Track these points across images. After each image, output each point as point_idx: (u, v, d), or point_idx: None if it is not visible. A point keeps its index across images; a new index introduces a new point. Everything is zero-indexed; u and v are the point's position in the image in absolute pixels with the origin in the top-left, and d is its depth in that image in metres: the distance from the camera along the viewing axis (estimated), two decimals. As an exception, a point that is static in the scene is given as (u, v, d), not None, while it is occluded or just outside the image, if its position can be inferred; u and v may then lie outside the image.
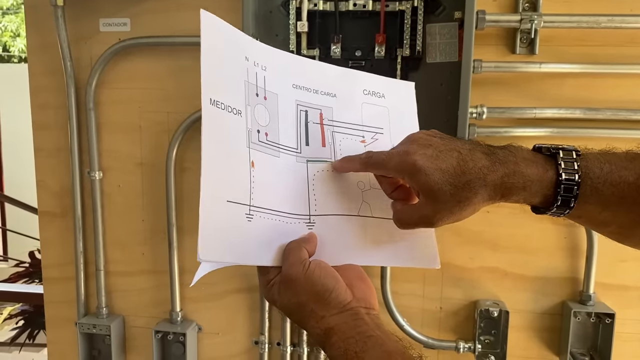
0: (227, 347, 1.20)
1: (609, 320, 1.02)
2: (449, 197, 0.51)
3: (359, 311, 0.52)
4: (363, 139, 0.64)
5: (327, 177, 0.61)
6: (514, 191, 0.51)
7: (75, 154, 1.14)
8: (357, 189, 0.62)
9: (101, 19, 1.10)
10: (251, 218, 0.55)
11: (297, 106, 0.61)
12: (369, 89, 0.66)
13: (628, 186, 0.50)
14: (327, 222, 0.60)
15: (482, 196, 0.51)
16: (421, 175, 0.51)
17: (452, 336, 1.12)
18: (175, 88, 1.11)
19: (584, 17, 0.95)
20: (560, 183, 0.50)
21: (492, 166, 0.51)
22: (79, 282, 1.18)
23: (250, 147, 0.56)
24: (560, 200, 0.51)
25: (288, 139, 0.60)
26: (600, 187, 0.51)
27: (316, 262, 0.54)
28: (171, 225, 1.13)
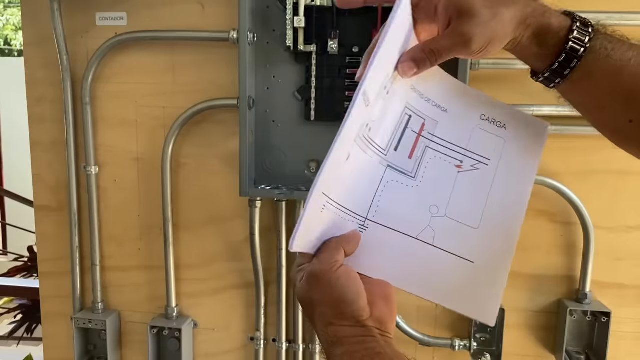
0: (222, 343, 1.19)
1: (605, 319, 1.02)
2: (485, 9, 0.51)
3: (372, 331, 0.50)
4: (460, 164, 0.59)
5: (400, 189, 0.57)
6: (538, 13, 0.52)
7: (71, 148, 1.13)
8: (427, 213, 0.57)
9: (98, 13, 1.10)
10: (323, 209, 0.54)
11: (405, 108, 0.58)
12: (488, 115, 0.61)
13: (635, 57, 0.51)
14: (380, 231, 0.56)
15: (514, 11, 0.51)
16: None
17: (447, 334, 1.11)
18: (171, 83, 1.10)
19: (593, 14, 0.94)
20: (574, 29, 0.51)
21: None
22: (74, 277, 1.18)
23: (356, 140, 0.55)
24: (570, 47, 0.51)
25: (382, 138, 0.57)
26: (610, 47, 0.52)
27: (346, 269, 0.52)
28: (167, 221, 1.12)
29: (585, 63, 0.52)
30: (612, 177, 1.03)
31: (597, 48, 0.51)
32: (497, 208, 0.58)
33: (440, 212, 0.57)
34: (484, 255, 0.57)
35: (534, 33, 0.53)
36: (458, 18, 0.52)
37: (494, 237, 0.57)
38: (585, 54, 0.51)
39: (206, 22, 1.06)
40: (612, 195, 1.03)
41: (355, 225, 0.56)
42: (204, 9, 1.06)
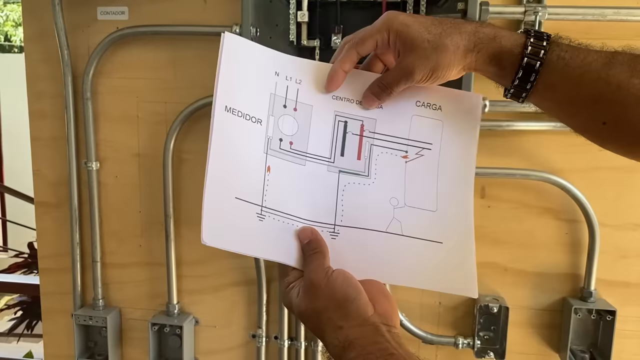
0: (224, 340, 1.19)
1: (610, 317, 1.01)
2: (427, 43, 0.55)
3: (380, 327, 0.50)
4: (406, 154, 0.62)
5: (358, 190, 0.61)
6: (486, 39, 0.55)
7: (71, 144, 1.13)
8: (389, 205, 0.61)
9: (99, 7, 1.09)
10: (263, 218, 0.57)
11: (336, 117, 0.62)
12: (423, 100, 0.63)
13: (595, 62, 0.52)
14: (351, 234, 0.59)
15: (457, 42, 0.55)
16: (404, 27, 0.56)
17: (451, 332, 1.11)
18: (173, 78, 1.09)
19: (589, 9, 0.94)
20: (528, 45, 0.53)
21: (467, 21, 0.57)
22: (75, 274, 1.17)
23: (269, 153, 0.59)
24: (525, 62, 0.53)
25: (320, 148, 0.61)
26: (567, 57, 0.53)
27: (340, 271, 0.54)
28: (168, 217, 1.11)
29: (545, 75, 0.54)
30: (617, 174, 1.02)
31: (554, 60, 0.53)
32: (446, 188, 0.62)
33: (400, 202, 0.61)
34: (448, 234, 0.61)
35: (488, 56, 0.55)
36: (403, 52, 0.57)
37: (452, 216, 0.61)
38: (541, 67, 0.53)
39: (208, 17, 1.05)
40: (618, 193, 1.02)
41: (326, 233, 0.59)
42: (206, 3, 1.05)
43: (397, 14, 0.57)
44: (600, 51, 0.54)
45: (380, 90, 0.60)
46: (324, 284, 0.52)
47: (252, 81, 0.60)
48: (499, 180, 1.03)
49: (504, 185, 1.04)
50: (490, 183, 1.04)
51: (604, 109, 0.53)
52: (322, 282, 0.52)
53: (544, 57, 0.53)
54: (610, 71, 0.52)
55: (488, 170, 1.01)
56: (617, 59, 0.52)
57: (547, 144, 1.01)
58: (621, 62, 0.52)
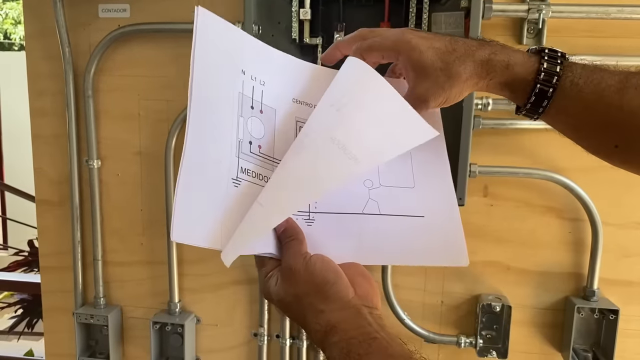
0: (225, 338, 1.18)
1: (613, 316, 1.01)
2: (440, 72, 0.54)
3: (362, 310, 0.50)
4: None
5: None
6: (498, 68, 0.54)
7: (73, 141, 1.12)
8: (364, 187, 0.60)
9: (100, 5, 1.08)
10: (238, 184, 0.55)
11: (297, 122, 0.61)
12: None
13: (608, 87, 0.52)
14: (327, 220, 0.58)
15: (470, 71, 0.54)
16: (415, 53, 0.54)
17: (453, 331, 1.10)
18: (175, 76, 1.09)
19: (593, 7, 0.93)
20: (542, 71, 0.53)
21: (480, 46, 0.55)
22: (76, 272, 1.17)
23: (240, 157, 0.57)
24: (538, 89, 0.53)
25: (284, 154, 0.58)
26: (581, 83, 0.53)
27: (318, 256, 0.53)
28: (170, 215, 1.11)
29: (558, 100, 0.54)
30: (621, 173, 0.99)
31: (567, 86, 0.53)
32: (422, 164, 0.62)
33: (375, 183, 0.60)
34: (429, 207, 0.60)
35: (500, 84, 0.55)
36: (415, 78, 0.56)
37: (433, 190, 0.61)
38: (554, 93, 0.53)
39: (210, 14, 1.05)
40: (621, 192, 1.02)
41: (301, 221, 0.57)
42: (207, 0, 1.05)
43: (411, 36, 0.55)
44: (614, 74, 0.53)
45: None
46: (303, 269, 0.52)
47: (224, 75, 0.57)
48: (502, 178, 1.03)
49: (506, 183, 1.04)
50: (493, 182, 1.04)
51: (617, 134, 0.53)
52: (300, 268, 0.52)
53: (556, 83, 0.53)
54: (624, 97, 0.52)
55: (491, 168, 1.01)
56: (630, 82, 0.52)
57: (551, 142, 1.01)
58: (635, 86, 0.51)
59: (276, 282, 0.53)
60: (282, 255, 0.54)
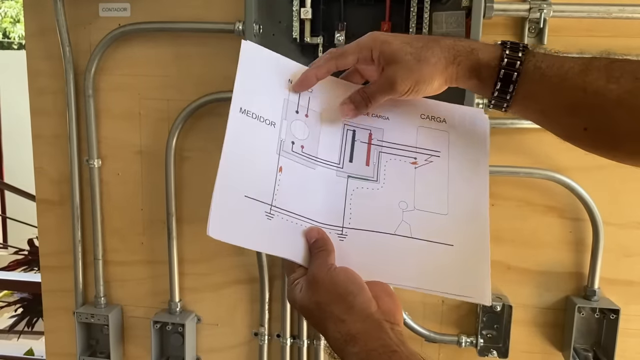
0: (226, 338, 1.18)
1: (614, 316, 1.01)
2: (410, 56, 0.57)
3: (383, 324, 0.50)
4: (415, 160, 0.64)
5: (367, 194, 0.62)
6: (463, 53, 0.57)
7: (73, 141, 1.12)
8: (398, 209, 0.61)
9: (101, 4, 1.08)
10: (272, 217, 0.57)
11: (344, 126, 0.65)
12: (427, 113, 0.66)
13: (571, 69, 0.53)
14: (359, 236, 0.60)
15: (438, 55, 0.57)
16: (386, 45, 0.58)
17: (454, 330, 1.10)
18: (176, 75, 1.09)
19: (595, 6, 0.93)
20: (504, 57, 0.55)
21: (444, 37, 0.59)
22: (76, 271, 1.17)
23: (281, 154, 0.60)
24: (503, 73, 0.55)
25: (329, 154, 0.63)
26: (544, 66, 0.55)
27: (343, 268, 0.54)
28: (170, 215, 1.11)
29: (523, 85, 0.55)
30: (622, 173, 1.01)
31: (530, 69, 0.55)
32: (459, 193, 0.63)
33: (410, 206, 0.62)
34: (460, 237, 0.61)
35: (467, 69, 0.57)
36: (387, 65, 0.59)
37: (465, 220, 0.62)
38: (518, 77, 0.55)
39: (211, 13, 1.05)
40: (622, 191, 1.02)
41: (334, 235, 0.59)
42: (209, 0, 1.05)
43: (380, 33, 0.60)
44: (577, 58, 0.54)
45: (361, 99, 0.62)
46: (327, 279, 0.53)
47: (267, 87, 0.62)
48: (502, 178, 1.03)
49: (507, 183, 1.04)
50: (494, 181, 1.04)
51: (584, 116, 0.54)
52: (324, 277, 0.53)
53: (520, 67, 0.55)
54: (587, 78, 0.53)
55: (492, 168, 0.99)
56: (593, 65, 0.53)
57: (552, 141, 1.00)
58: (597, 67, 0.53)
59: (301, 289, 0.55)
60: (310, 265, 0.56)
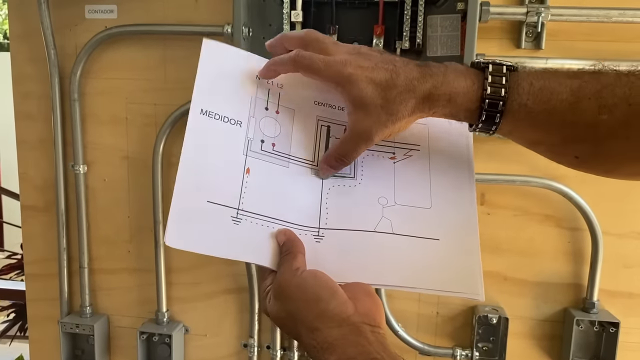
0: (214, 349, 1.15)
1: (613, 329, 0.98)
2: (381, 109, 0.52)
3: (362, 328, 0.46)
4: (393, 156, 0.61)
5: (344, 192, 0.59)
6: (441, 102, 0.52)
7: (58, 146, 1.09)
8: (378, 205, 0.58)
9: (87, 6, 1.05)
10: (239, 221, 0.54)
11: (318, 121, 0.62)
12: None
13: (560, 103, 0.49)
14: (337, 236, 0.56)
15: (412, 108, 0.52)
16: (355, 89, 0.52)
17: (448, 342, 1.07)
18: (163, 79, 1.06)
19: (594, 10, 0.90)
20: (485, 98, 0.50)
21: (422, 78, 0.52)
22: (62, 280, 1.14)
23: (248, 154, 0.57)
24: (485, 115, 0.51)
25: (302, 151, 0.60)
26: (530, 103, 0.50)
27: (311, 271, 0.50)
28: (157, 222, 1.08)
29: (508, 122, 0.51)
30: (621, 182, 0.97)
31: (515, 108, 0.50)
32: (443, 185, 0.60)
33: (390, 201, 0.58)
34: (446, 230, 0.57)
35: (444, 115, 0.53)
36: (355, 112, 0.54)
37: (451, 212, 0.59)
38: (502, 118, 0.51)
39: (199, 16, 1.02)
40: (621, 201, 0.99)
41: (310, 237, 0.56)
42: (197, 2, 1.02)
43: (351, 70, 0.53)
44: (566, 84, 0.50)
45: (338, 163, 0.58)
46: (293, 285, 0.49)
47: (232, 85, 0.60)
48: (499, 186, 1.00)
49: (504, 191, 1.01)
50: (490, 189, 1.01)
51: (575, 147, 0.51)
52: (290, 283, 0.49)
53: (503, 108, 0.50)
54: (577, 111, 0.49)
55: (488, 176, 0.98)
56: (583, 93, 0.49)
57: (549, 149, 0.98)
58: (588, 96, 0.49)
59: (270, 299, 0.51)
60: (277, 270, 0.52)
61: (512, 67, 0.51)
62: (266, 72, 0.60)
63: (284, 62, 0.57)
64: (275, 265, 0.53)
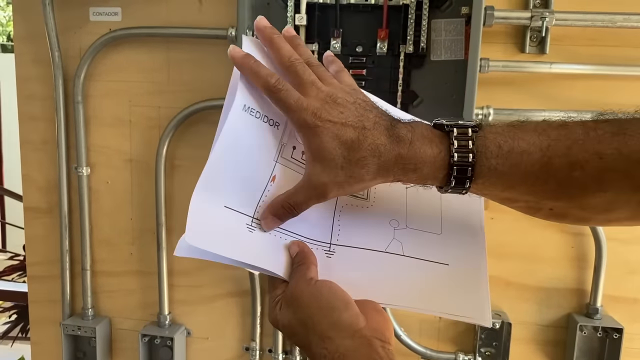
0: (216, 352, 1.15)
1: (617, 335, 0.98)
2: (340, 170, 0.50)
3: (373, 342, 0.46)
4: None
5: (357, 211, 0.58)
6: (407, 173, 0.50)
7: (62, 148, 1.09)
8: (389, 227, 0.58)
9: (91, 8, 1.06)
10: (253, 230, 0.53)
11: None
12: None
13: (531, 164, 0.48)
14: (348, 253, 0.56)
15: (374, 174, 0.50)
16: (316, 140, 0.50)
17: (451, 347, 1.07)
18: (167, 82, 1.06)
19: (599, 15, 0.90)
20: (453, 165, 0.49)
21: (389, 144, 0.49)
22: (64, 282, 1.14)
23: (279, 161, 0.55)
24: (454, 182, 0.49)
25: None
26: (500, 166, 0.48)
27: (325, 281, 0.50)
28: (160, 225, 1.08)
29: (477, 185, 0.50)
30: None
31: (484, 172, 0.48)
32: (453, 212, 0.59)
33: (401, 224, 0.58)
34: (456, 256, 0.57)
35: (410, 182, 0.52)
36: (313, 163, 0.51)
37: (461, 239, 0.58)
38: (471, 182, 0.49)
39: (203, 19, 1.02)
40: (626, 206, 0.98)
41: (321, 252, 0.55)
42: (201, 4, 1.02)
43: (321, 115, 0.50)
44: (535, 143, 0.48)
45: (285, 212, 0.54)
46: (307, 293, 0.48)
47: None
48: (502, 191, 1.00)
49: (507, 196, 1.00)
50: (494, 194, 1.01)
51: (548, 202, 0.50)
52: (304, 292, 0.49)
53: (471, 175, 0.49)
54: (549, 170, 0.48)
55: (491, 180, 0.97)
56: (554, 152, 0.47)
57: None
58: (559, 155, 0.47)
59: (280, 307, 0.50)
60: (290, 280, 0.52)
61: (476, 128, 0.50)
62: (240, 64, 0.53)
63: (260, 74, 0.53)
64: (287, 275, 0.53)
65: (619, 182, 0.47)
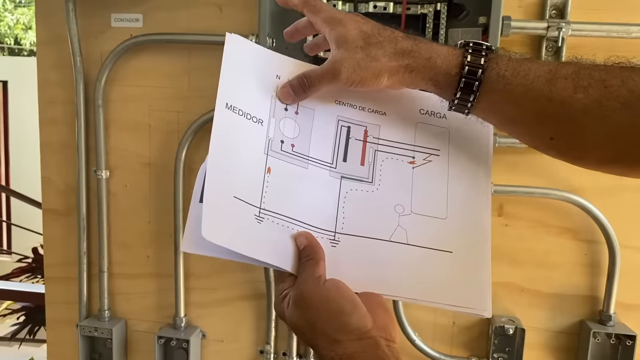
0: (231, 355, 1.16)
1: (630, 342, 0.98)
2: (359, 49, 0.54)
3: (380, 342, 0.48)
4: (412, 160, 0.60)
5: (361, 197, 0.58)
6: (420, 61, 0.53)
7: (82, 151, 1.11)
8: (394, 213, 0.58)
9: (113, 14, 1.07)
10: (261, 220, 0.54)
11: (339, 122, 0.61)
12: (427, 108, 0.62)
13: (537, 79, 0.50)
14: (352, 242, 0.57)
15: (389, 56, 0.54)
16: (341, 28, 0.55)
17: (464, 352, 1.08)
18: (187, 87, 1.08)
19: (614, 25, 0.92)
20: (465, 65, 0.52)
21: (406, 37, 0.55)
22: (81, 283, 1.15)
23: (269, 154, 0.57)
24: (463, 83, 0.52)
25: (322, 153, 0.59)
26: (508, 75, 0.51)
27: (333, 281, 0.51)
28: (178, 228, 1.09)
29: (486, 94, 0.52)
30: (639, 194, 0.99)
31: (493, 78, 0.52)
32: (459, 195, 0.59)
33: (406, 210, 0.58)
34: (460, 243, 0.58)
35: (423, 78, 0.54)
36: (335, 49, 0.56)
37: (465, 225, 0.59)
38: (480, 86, 0.52)
39: (224, 26, 1.04)
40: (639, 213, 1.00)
41: (326, 240, 0.56)
42: (222, 12, 1.04)
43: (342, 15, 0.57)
44: (544, 65, 0.52)
45: (299, 85, 0.58)
46: (316, 295, 0.50)
47: (254, 82, 0.59)
48: (517, 198, 1.01)
49: (522, 203, 1.02)
50: (509, 201, 1.02)
51: (550, 125, 0.52)
52: (313, 293, 0.50)
53: (481, 76, 0.52)
54: (553, 87, 0.50)
55: (506, 188, 0.99)
56: (560, 73, 0.50)
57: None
58: (565, 76, 0.50)
59: (288, 304, 0.52)
60: (298, 277, 0.53)
61: (491, 47, 0.53)
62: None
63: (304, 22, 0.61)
64: (295, 270, 0.54)
65: (618, 111, 0.49)
